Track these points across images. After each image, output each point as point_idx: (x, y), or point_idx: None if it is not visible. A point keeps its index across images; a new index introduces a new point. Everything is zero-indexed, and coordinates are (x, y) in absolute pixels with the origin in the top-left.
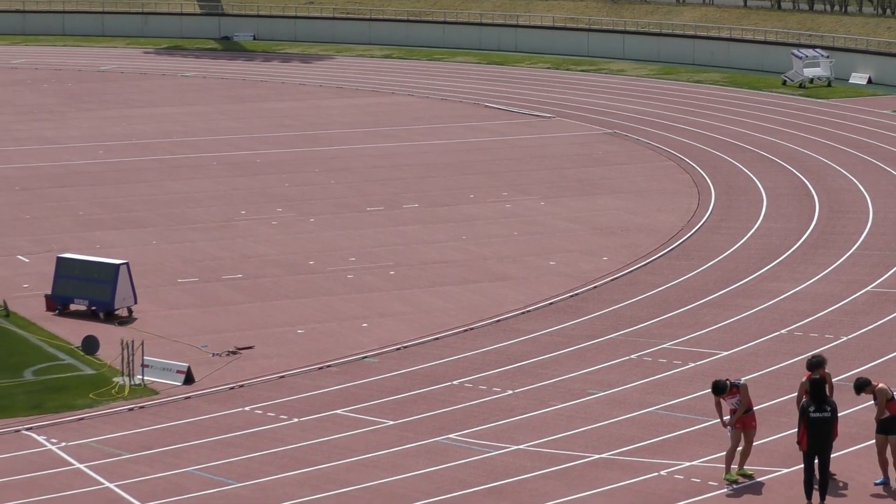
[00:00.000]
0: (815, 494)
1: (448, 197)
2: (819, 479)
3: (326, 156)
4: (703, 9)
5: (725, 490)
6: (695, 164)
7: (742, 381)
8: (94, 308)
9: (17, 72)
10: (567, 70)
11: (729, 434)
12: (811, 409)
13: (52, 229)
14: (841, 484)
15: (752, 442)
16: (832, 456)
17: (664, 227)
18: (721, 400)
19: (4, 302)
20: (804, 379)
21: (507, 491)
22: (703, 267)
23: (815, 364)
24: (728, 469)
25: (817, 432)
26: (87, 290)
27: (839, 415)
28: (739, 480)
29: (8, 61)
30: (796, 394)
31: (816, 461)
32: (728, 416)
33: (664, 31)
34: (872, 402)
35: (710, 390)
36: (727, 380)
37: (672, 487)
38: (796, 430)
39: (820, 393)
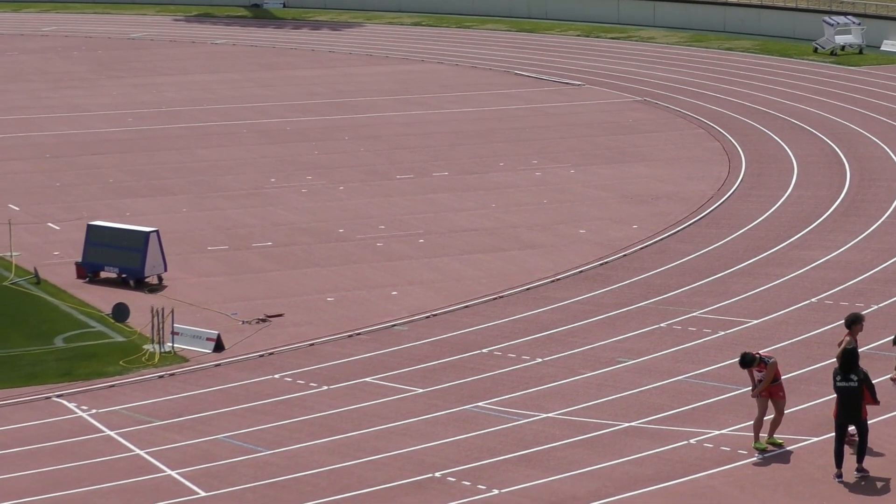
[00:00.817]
0: (849, 461)
1: (478, 165)
2: (857, 443)
3: (356, 123)
4: None
5: (755, 458)
6: (725, 132)
7: (772, 360)
8: (124, 275)
9: (47, 39)
10: (597, 37)
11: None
12: (838, 377)
13: (83, 197)
14: (874, 451)
15: (783, 411)
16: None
17: (694, 195)
18: (751, 371)
19: (35, 269)
20: (846, 336)
21: (537, 459)
22: (733, 235)
23: (851, 321)
24: (757, 437)
25: (844, 402)
26: (118, 258)
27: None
28: (769, 449)
29: (38, 28)
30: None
31: (851, 429)
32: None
33: None
34: None
35: (739, 360)
36: (756, 353)
37: (701, 456)
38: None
39: (847, 362)
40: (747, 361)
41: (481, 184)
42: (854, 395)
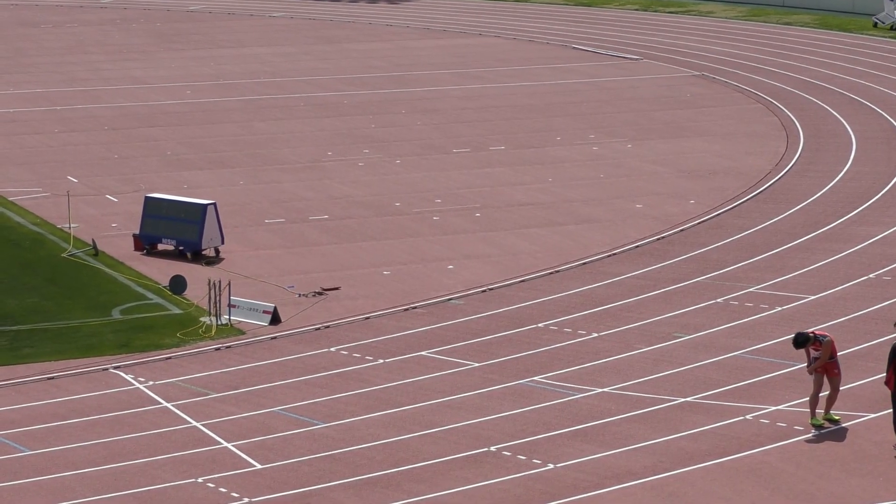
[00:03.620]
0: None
1: (535, 139)
2: None
3: (413, 97)
4: None
5: (811, 434)
6: (783, 107)
7: (827, 339)
8: (181, 248)
9: (106, 11)
10: (655, 12)
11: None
12: None
13: (141, 169)
14: None
15: (839, 388)
16: None
17: (752, 170)
18: (806, 349)
19: (93, 241)
20: None
21: (592, 433)
22: (790, 210)
23: None
24: (813, 414)
25: None
26: (175, 230)
27: None
28: (825, 425)
29: (98, 1)
30: None
31: None
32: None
33: None
34: None
35: (792, 341)
36: (811, 332)
37: (758, 432)
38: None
39: None
40: (800, 342)
41: (538, 158)
42: None
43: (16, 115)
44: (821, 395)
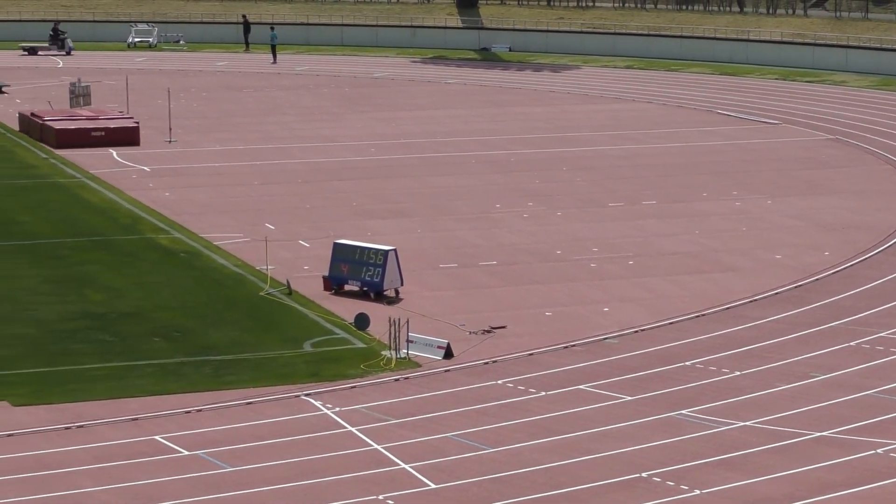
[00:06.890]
0: None
1: (683, 194)
2: None
3: (573, 156)
4: None
5: None
6: None
7: None
8: (365, 289)
9: (300, 77)
10: (793, 81)
11: None
12: None
13: (330, 217)
14: None
15: None
16: None
17: (882, 225)
18: None
19: (288, 281)
20: None
21: (735, 463)
22: None
23: None
24: None
25: None
26: (360, 273)
27: None
28: None
29: (293, 68)
30: None
31: None
32: None
33: (885, 45)
34: None
35: None
36: None
37: (888, 465)
38: None
39: None
40: None
41: (686, 212)
42: None
43: (221, 169)
44: None
